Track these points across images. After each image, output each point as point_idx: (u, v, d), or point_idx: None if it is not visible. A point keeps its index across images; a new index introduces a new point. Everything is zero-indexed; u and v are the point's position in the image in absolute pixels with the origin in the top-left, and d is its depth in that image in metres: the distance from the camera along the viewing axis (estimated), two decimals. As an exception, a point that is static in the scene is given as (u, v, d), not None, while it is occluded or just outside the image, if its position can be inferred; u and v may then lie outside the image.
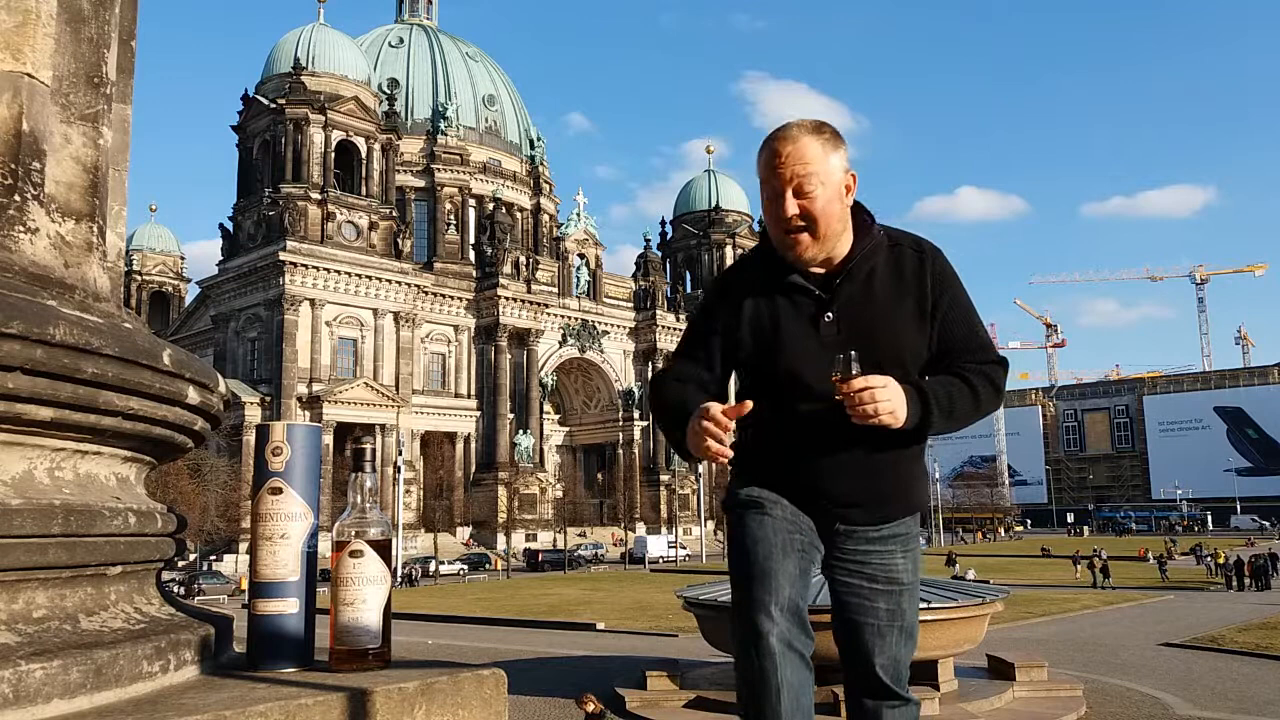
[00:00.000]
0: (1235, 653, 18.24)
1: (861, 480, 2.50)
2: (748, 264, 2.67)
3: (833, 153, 2.47)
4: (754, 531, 2.49)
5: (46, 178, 2.02)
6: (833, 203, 2.45)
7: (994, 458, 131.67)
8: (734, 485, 2.63)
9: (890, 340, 2.46)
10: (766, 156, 2.47)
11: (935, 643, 11.64)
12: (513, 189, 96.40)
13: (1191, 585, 39.16)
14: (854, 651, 2.56)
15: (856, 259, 2.51)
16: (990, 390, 2.52)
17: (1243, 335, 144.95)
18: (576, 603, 35.42)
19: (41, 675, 1.60)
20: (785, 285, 2.53)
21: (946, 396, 2.43)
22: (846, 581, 2.57)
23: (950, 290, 2.54)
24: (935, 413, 2.40)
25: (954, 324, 2.53)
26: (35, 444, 1.86)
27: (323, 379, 72.48)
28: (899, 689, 2.54)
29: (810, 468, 2.50)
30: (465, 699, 2.02)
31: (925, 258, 2.54)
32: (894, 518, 2.57)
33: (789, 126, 2.49)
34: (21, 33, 1.95)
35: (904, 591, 2.56)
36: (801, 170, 2.42)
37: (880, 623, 2.53)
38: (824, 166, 2.44)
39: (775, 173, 2.44)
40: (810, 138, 2.46)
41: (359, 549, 2.03)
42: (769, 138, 2.49)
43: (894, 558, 2.56)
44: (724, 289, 2.65)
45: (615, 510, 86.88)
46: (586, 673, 15.81)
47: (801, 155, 2.43)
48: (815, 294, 2.51)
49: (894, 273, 2.52)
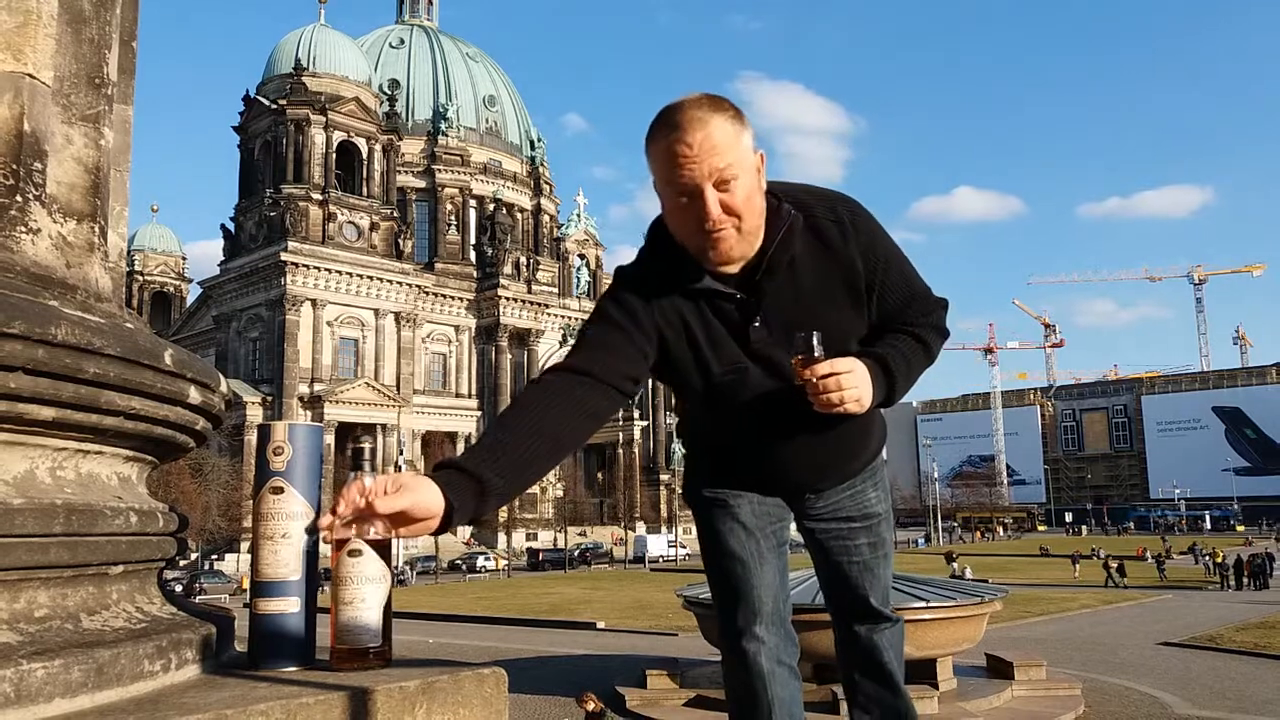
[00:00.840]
0: (1234, 652, 18.23)
1: (819, 461, 2.38)
2: (651, 268, 2.22)
3: (743, 132, 2.06)
4: (725, 542, 2.40)
5: (48, 178, 2.02)
6: (754, 192, 2.09)
7: (992, 457, 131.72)
8: (691, 480, 2.54)
9: (828, 330, 2.15)
10: (668, 148, 2.01)
11: (933, 642, 11.65)
12: (513, 189, 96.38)
13: (1190, 585, 39.16)
14: (845, 589, 2.54)
15: (775, 247, 2.14)
16: (938, 337, 2.34)
17: (1241, 335, 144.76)
18: (577, 602, 35.42)
19: (43, 674, 1.60)
20: (702, 293, 2.17)
21: (905, 363, 2.22)
22: (825, 527, 2.51)
23: (881, 253, 2.23)
24: (899, 381, 2.20)
25: (892, 286, 2.26)
26: (37, 444, 1.87)
27: (324, 379, 72.52)
28: (888, 612, 2.56)
29: (762, 462, 2.36)
30: (466, 698, 2.03)
31: (847, 229, 2.19)
32: (860, 471, 2.50)
33: (688, 108, 2.02)
34: (23, 33, 1.96)
35: (881, 520, 2.54)
36: (720, 162, 2.00)
37: (865, 558, 2.50)
38: (739, 150, 2.03)
39: (687, 169, 2.00)
40: (719, 119, 2.01)
41: (358, 548, 2.03)
42: (665, 123, 2.03)
43: (865, 494, 2.51)
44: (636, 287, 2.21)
45: (615, 509, 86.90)
46: (587, 671, 15.82)
47: (715, 142, 1.99)
48: (737, 298, 2.17)
49: (818, 253, 2.18)
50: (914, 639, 11.11)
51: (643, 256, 2.27)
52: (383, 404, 74.80)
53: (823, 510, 2.50)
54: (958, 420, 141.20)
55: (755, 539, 2.40)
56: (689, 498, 2.54)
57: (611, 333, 2.15)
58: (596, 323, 2.20)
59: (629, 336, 2.15)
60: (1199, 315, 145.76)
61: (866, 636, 2.54)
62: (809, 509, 2.51)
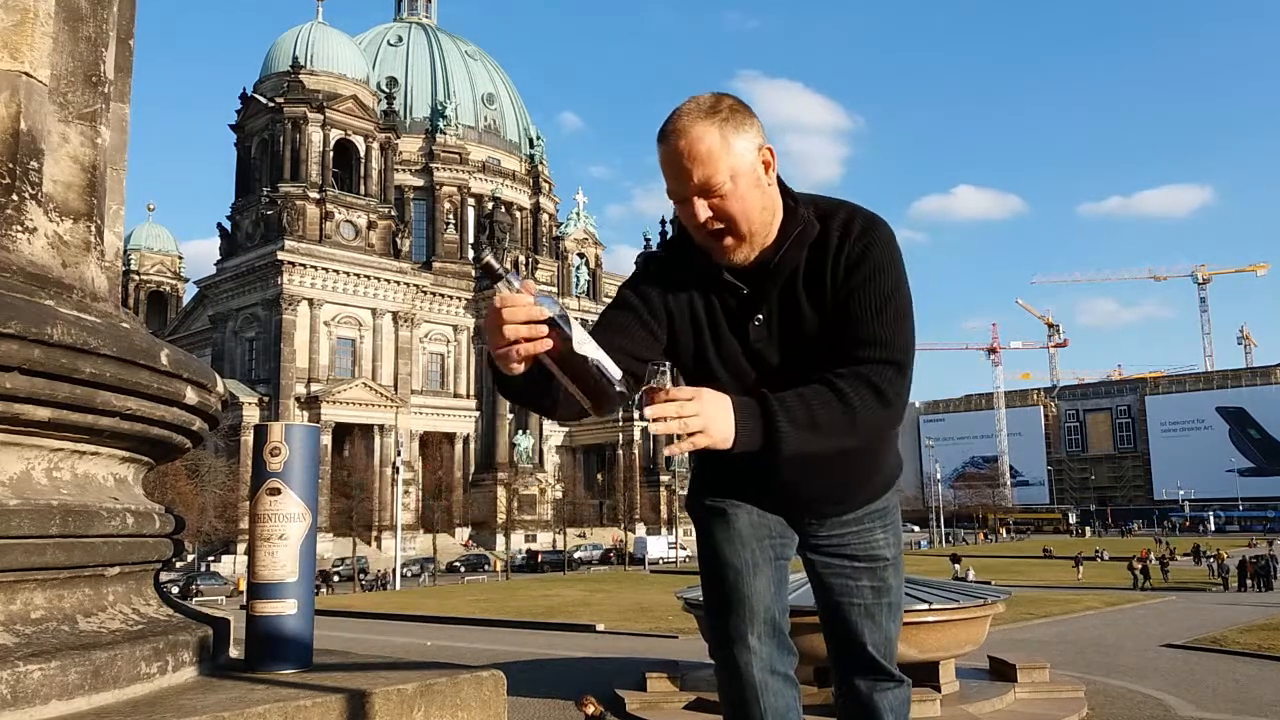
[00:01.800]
0: (1238, 654, 18.22)
1: (821, 480, 2.31)
2: (674, 254, 2.30)
3: (736, 136, 2.05)
4: (721, 550, 2.36)
5: (44, 177, 2.01)
6: (750, 194, 2.08)
7: (995, 458, 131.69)
8: (694, 488, 2.51)
9: (823, 337, 2.14)
10: (662, 158, 2.08)
11: (936, 644, 11.64)
12: (512, 188, 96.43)
13: (1193, 586, 39.18)
14: (843, 634, 2.45)
15: (785, 248, 2.16)
16: (870, 395, 2.04)
17: (1245, 335, 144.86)
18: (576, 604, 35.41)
19: (39, 676, 1.59)
20: (713, 282, 2.23)
21: (803, 407, 1.99)
22: (827, 562, 2.43)
23: (867, 270, 2.13)
24: (785, 430, 1.96)
25: (856, 309, 2.12)
26: (33, 444, 1.86)
27: (321, 379, 72.51)
28: (892, 668, 2.45)
29: (763, 475, 2.30)
30: (464, 700, 2.02)
31: (847, 239, 2.15)
32: (865, 504, 2.42)
33: (679, 116, 2.06)
34: (19, 31, 1.95)
35: (888, 566, 2.44)
36: (703, 173, 2.03)
37: (867, 601, 2.41)
38: (728, 157, 2.04)
39: (675, 176, 2.06)
40: (704, 125, 2.03)
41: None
42: (660, 133, 2.09)
43: (873, 534, 2.43)
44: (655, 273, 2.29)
45: (615, 511, 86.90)
46: (586, 674, 15.81)
47: (697, 151, 2.02)
48: (743, 293, 2.21)
49: (822, 262, 2.16)
50: (916, 641, 11.12)
51: (669, 242, 2.38)
52: (380, 404, 74.81)
53: (825, 543, 2.44)
54: (960, 421, 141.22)
55: (750, 548, 2.35)
56: (691, 506, 2.52)
57: (624, 314, 2.24)
58: (614, 306, 2.29)
59: (640, 319, 2.23)
60: (1203, 315, 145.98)
61: (867, 695, 2.43)
62: (811, 537, 2.45)
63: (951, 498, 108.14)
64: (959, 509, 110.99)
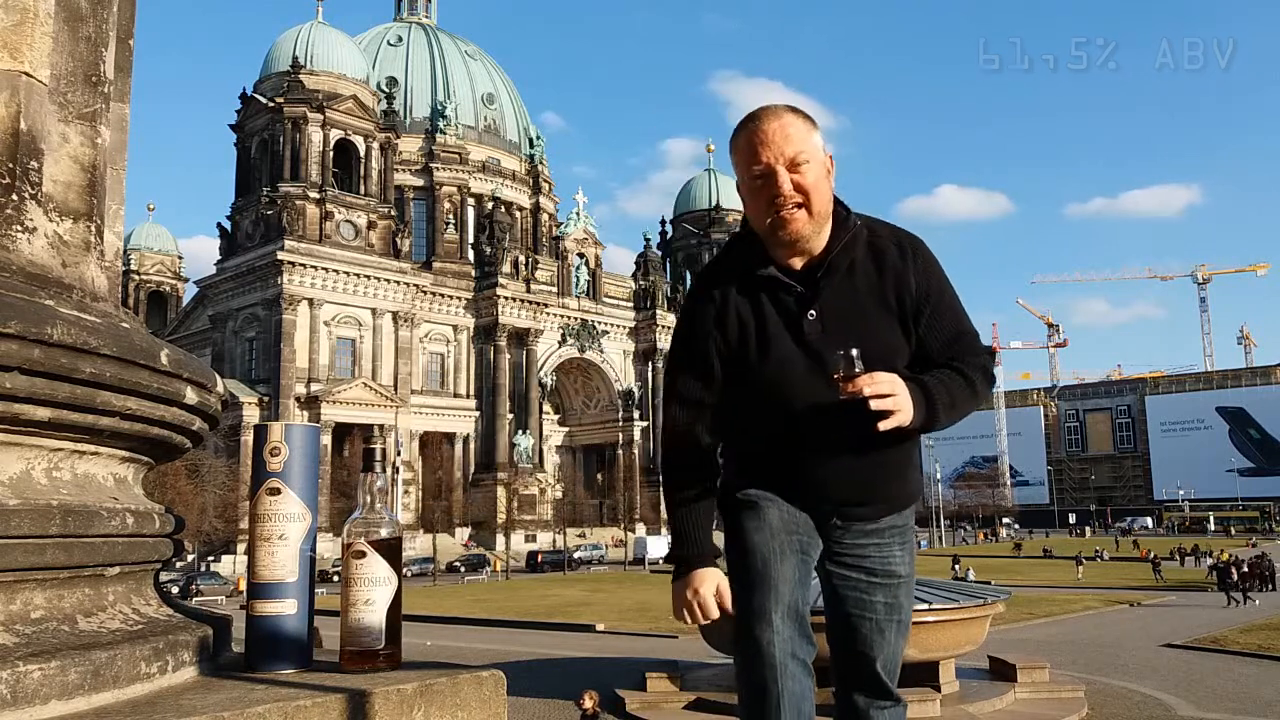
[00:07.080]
0: (1237, 654, 18.25)
1: (856, 478, 2.44)
2: (724, 261, 2.57)
3: (815, 132, 2.40)
4: (751, 537, 2.44)
5: (44, 177, 2.01)
6: (822, 180, 2.38)
7: (995, 458, 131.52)
8: (728, 485, 2.58)
9: (875, 337, 2.36)
10: (749, 136, 2.38)
11: (936, 644, 11.65)
12: (512, 188, 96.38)
13: (1193, 586, 39.19)
14: (851, 648, 2.52)
15: (837, 251, 2.40)
16: (985, 381, 2.48)
17: (1245, 335, 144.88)
18: (576, 604, 35.42)
19: (39, 676, 1.59)
20: (765, 281, 2.44)
21: (948, 392, 2.37)
22: (844, 575, 2.53)
23: (935, 283, 2.47)
24: (940, 410, 2.33)
25: (942, 318, 2.45)
26: (33, 444, 1.86)
27: (321, 379, 72.46)
28: (893, 688, 2.52)
29: (802, 468, 2.43)
30: (464, 700, 2.02)
31: (907, 252, 2.45)
32: (891, 511, 2.54)
33: (768, 107, 2.42)
34: (19, 31, 1.95)
35: (901, 585, 2.54)
36: (791, 147, 2.33)
37: (879, 617, 2.50)
38: (811, 143, 2.37)
39: (764, 150, 2.35)
40: (792, 115, 2.39)
41: (362, 549, 2.03)
42: (748, 119, 2.41)
43: (892, 550, 2.53)
44: (703, 290, 2.53)
45: (615, 511, 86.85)
46: (586, 674, 15.81)
47: (788, 131, 2.35)
48: (797, 290, 2.42)
49: (876, 267, 2.43)
50: (916, 641, 11.11)
51: (720, 253, 2.61)
52: (380, 404, 74.77)
53: (846, 554, 2.53)
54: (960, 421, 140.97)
55: (780, 539, 2.43)
56: (724, 502, 2.58)
57: (692, 382, 2.52)
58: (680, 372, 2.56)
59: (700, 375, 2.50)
60: (1203, 315, 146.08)
61: (865, 710, 2.52)
62: (834, 544, 2.53)
63: (951, 498, 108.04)
64: (959, 509, 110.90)
